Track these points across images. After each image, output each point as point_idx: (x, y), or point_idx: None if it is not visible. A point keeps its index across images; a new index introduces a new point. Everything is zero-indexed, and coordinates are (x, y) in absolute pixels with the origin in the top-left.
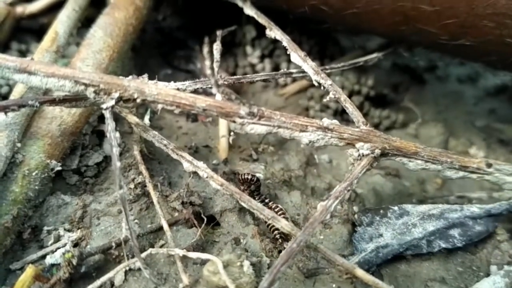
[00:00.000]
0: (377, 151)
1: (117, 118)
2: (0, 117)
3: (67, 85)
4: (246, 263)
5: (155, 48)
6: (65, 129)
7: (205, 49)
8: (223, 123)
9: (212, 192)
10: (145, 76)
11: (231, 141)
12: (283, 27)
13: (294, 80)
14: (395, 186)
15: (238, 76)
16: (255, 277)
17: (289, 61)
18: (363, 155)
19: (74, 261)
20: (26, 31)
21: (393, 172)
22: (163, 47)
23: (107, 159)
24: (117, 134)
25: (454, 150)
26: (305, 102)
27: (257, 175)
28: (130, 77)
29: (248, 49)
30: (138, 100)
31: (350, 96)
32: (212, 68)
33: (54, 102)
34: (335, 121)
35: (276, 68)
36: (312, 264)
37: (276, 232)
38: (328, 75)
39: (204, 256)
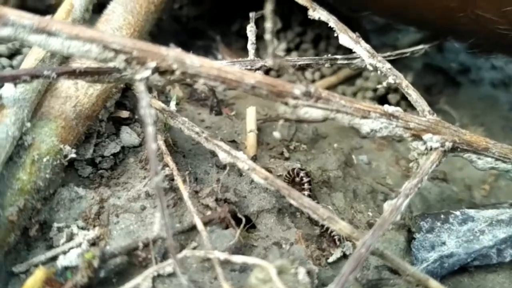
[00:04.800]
0: (448, 144)
1: (135, 106)
2: (7, 90)
3: (94, 51)
4: (302, 271)
5: (172, 37)
6: (81, 111)
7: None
8: (250, 117)
9: (246, 189)
10: (179, 50)
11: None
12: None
13: (323, 76)
14: (443, 191)
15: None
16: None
17: (316, 54)
18: (431, 148)
19: (95, 263)
20: (32, 12)
21: (440, 176)
22: (180, 36)
23: (124, 150)
24: (153, 111)
25: None
26: None
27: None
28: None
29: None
30: (177, 73)
31: (386, 93)
32: (270, 36)
33: (73, 74)
34: (399, 108)
35: None
36: (372, 274)
37: (334, 232)
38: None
39: (251, 260)
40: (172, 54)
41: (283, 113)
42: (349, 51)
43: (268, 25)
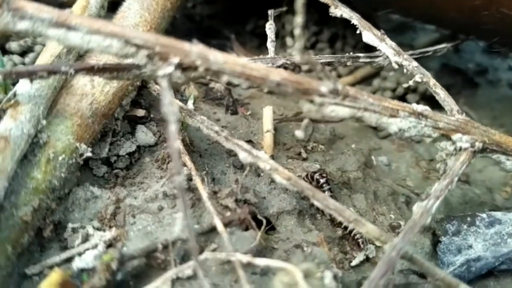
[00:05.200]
0: (478, 145)
1: (151, 104)
2: (23, 87)
3: (115, 46)
4: (328, 275)
5: (186, 36)
6: (97, 109)
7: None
8: (267, 117)
9: (265, 190)
10: (202, 46)
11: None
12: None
13: (339, 76)
14: (465, 193)
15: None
16: None
17: (332, 54)
18: (460, 149)
19: (114, 265)
20: None
21: (463, 178)
22: (194, 35)
23: (140, 149)
24: (176, 108)
25: None
26: None
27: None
28: None
29: (288, 40)
30: (201, 69)
31: (405, 93)
32: (300, 31)
33: (91, 70)
34: (427, 107)
35: None
36: (399, 279)
37: (357, 235)
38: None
39: (276, 263)
40: (196, 50)
41: (308, 111)
42: (366, 50)
43: (299, 19)
